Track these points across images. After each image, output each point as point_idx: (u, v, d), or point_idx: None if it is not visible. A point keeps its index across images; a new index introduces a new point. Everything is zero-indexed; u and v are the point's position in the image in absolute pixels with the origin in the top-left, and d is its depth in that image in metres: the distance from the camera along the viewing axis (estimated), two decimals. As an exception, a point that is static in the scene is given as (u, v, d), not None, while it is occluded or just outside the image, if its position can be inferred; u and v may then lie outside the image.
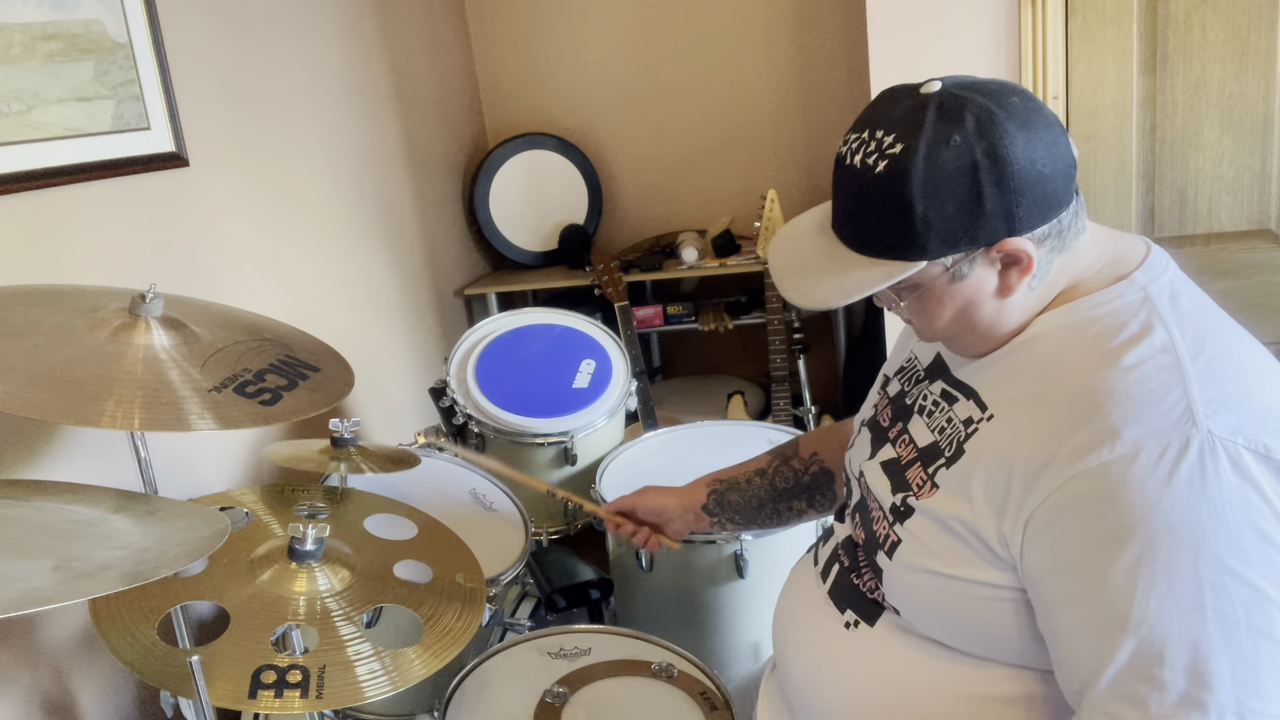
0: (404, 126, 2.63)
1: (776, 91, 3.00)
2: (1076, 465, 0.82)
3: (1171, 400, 0.82)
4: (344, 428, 1.49)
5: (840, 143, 0.94)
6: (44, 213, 1.52)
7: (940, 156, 0.85)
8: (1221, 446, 0.80)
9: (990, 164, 0.85)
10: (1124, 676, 0.81)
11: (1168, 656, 0.79)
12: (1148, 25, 1.95)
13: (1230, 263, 2.02)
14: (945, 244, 0.88)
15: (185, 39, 1.81)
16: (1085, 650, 0.84)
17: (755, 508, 1.41)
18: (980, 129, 0.85)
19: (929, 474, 0.97)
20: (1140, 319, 0.88)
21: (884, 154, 0.87)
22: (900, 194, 0.86)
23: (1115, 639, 0.81)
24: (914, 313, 0.97)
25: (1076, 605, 0.84)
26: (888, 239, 0.90)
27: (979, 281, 0.91)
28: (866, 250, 0.92)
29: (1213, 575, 0.78)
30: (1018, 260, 0.89)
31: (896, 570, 0.99)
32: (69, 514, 1.01)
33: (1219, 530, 0.78)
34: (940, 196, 0.86)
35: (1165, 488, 0.79)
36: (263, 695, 1.06)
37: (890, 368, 1.19)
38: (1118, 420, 0.82)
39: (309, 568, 1.22)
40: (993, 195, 0.86)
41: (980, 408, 0.95)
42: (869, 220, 0.90)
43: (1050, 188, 0.87)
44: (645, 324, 2.90)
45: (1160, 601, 0.79)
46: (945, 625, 0.97)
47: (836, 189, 0.94)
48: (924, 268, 0.90)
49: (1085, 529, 0.82)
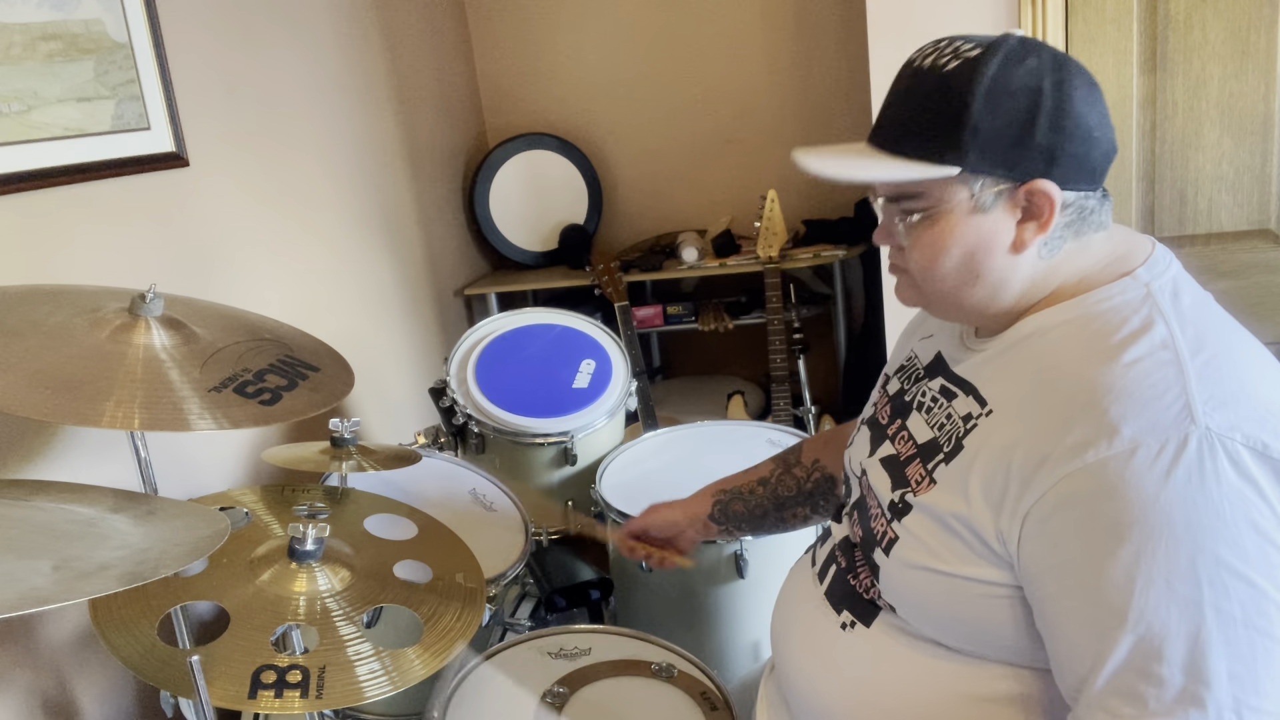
0: (404, 126, 2.63)
1: (776, 91, 3.00)
2: (1074, 461, 0.82)
3: (1170, 397, 0.82)
4: (344, 428, 1.49)
5: (912, 54, 0.95)
6: (44, 213, 1.52)
7: (1013, 71, 0.88)
8: (1220, 443, 0.80)
9: (1054, 97, 0.88)
10: (1122, 673, 0.81)
11: (1166, 653, 0.79)
12: (1148, 25, 1.95)
13: (1230, 263, 2.02)
14: (984, 159, 0.88)
15: (185, 39, 1.81)
16: (1083, 647, 0.84)
17: (759, 516, 1.41)
18: (1056, 65, 0.89)
19: (928, 470, 0.97)
20: (1141, 315, 0.88)
21: (959, 56, 0.90)
22: (962, 91, 0.88)
23: (1113, 635, 0.81)
24: (919, 247, 0.95)
25: (1074, 601, 0.84)
26: (930, 137, 0.90)
27: (996, 223, 0.91)
28: (903, 151, 0.92)
29: (1211, 572, 0.78)
30: (1039, 212, 0.90)
31: (893, 567, 0.99)
32: (69, 514, 1.01)
33: (1217, 527, 0.78)
34: (998, 106, 0.87)
35: (1163, 484, 0.79)
36: (263, 695, 1.06)
37: (890, 367, 1.19)
38: (1116, 416, 0.82)
39: (309, 568, 1.22)
40: (1044, 128, 0.88)
41: (979, 403, 0.95)
42: (918, 116, 0.91)
43: (1093, 153, 0.90)
44: (645, 324, 2.90)
45: (1159, 597, 0.79)
46: (941, 623, 0.97)
47: (890, 94, 0.95)
48: (952, 181, 0.90)
49: (1083, 525, 0.82)
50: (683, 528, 1.46)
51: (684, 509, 1.46)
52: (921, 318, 1.20)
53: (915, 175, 0.91)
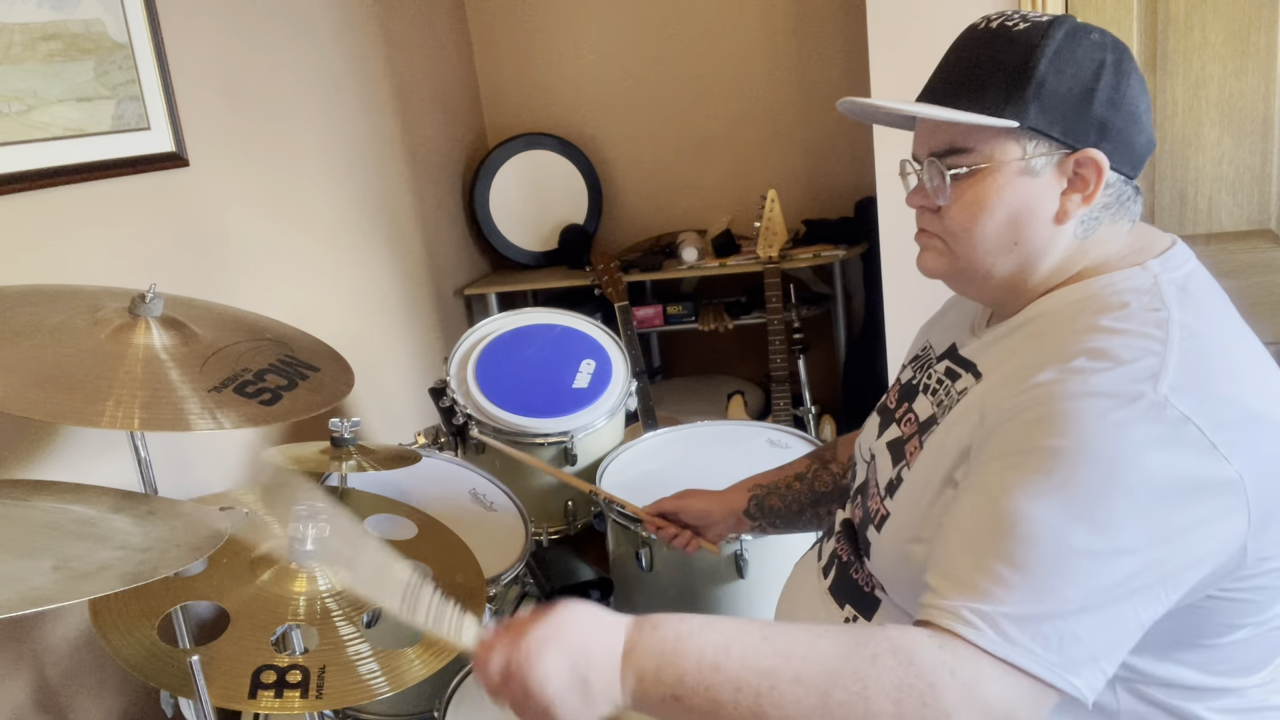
0: (404, 126, 2.63)
1: (776, 91, 3.00)
2: (1030, 381, 0.84)
3: (1142, 364, 0.82)
4: (344, 428, 1.49)
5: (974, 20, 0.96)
6: (44, 213, 1.52)
7: (1080, 41, 0.90)
8: (1170, 415, 0.79)
9: (1115, 73, 0.90)
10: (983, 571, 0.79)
11: (1015, 554, 0.78)
12: (1148, 25, 1.95)
13: (1230, 263, 2.02)
14: (1043, 117, 0.90)
15: (185, 39, 1.81)
16: (957, 537, 0.83)
17: (796, 512, 1.40)
18: (1117, 47, 0.92)
19: (921, 441, 0.99)
20: (1143, 301, 0.89)
21: (1029, 19, 0.92)
22: (1032, 49, 0.90)
23: (986, 526, 0.81)
24: (962, 206, 0.94)
25: (973, 497, 0.84)
26: (996, 85, 0.90)
27: (1043, 189, 0.92)
28: (961, 105, 0.91)
29: (1102, 514, 0.78)
30: (1085, 184, 0.91)
31: (884, 544, 1.00)
32: (69, 514, 1.01)
33: (1128, 472, 0.78)
34: (1064, 68, 0.89)
35: (1100, 420, 0.79)
36: (263, 695, 1.06)
37: (907, 357, 1.20)
38: (1081, 356, 0.83)
39: (309, 568, 1.22)
40: (1103, 100, 0.90)
41: (976, 377, 0.96)
42: (982, 69, 0.92)
43: (1139, 139, 0.92)
44: (645, 324, 2.90)
45: (1051, 515, 0.78)
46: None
47: (950, 54, 0.96)
48: (1007, 137, 0.90)
49: (1013, 439, 0.83)
50: (715, 519, 1.45)
51: (720, 501, 1.45)
52: (938, 314, 1.21)
53: (973, 120, 0.90)
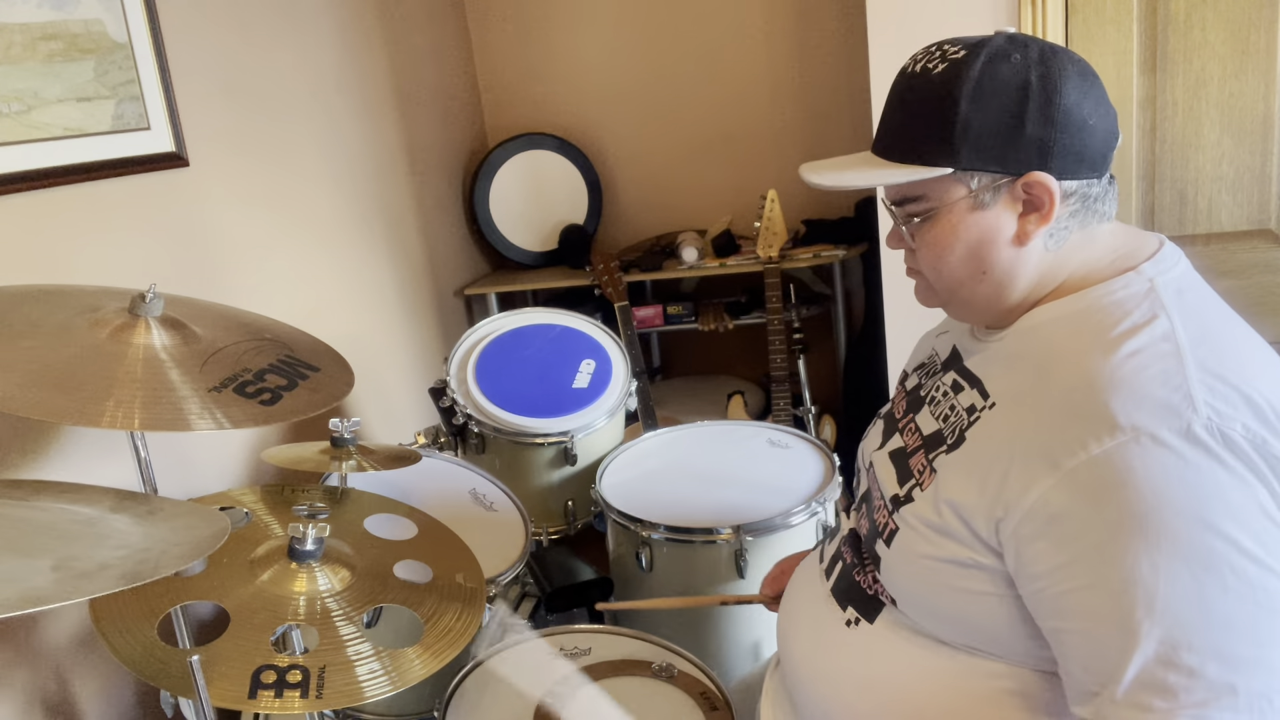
0: (404, 126, 2.63)
1: (776, 91, 3.00)
2: (1078, 454, 0.82)
3: (1170, 386, 0.82)
4: (344, 428, 1.49)
5: (906, 61, 0.97)
6: (44, 213, 1.52)
7: (998, 67, 0.89)
8: (1221, 432, 0.80)
9: (1041, 90, 0.88)
10: (1151, 666, 0.80)
11: (1195, 642, 0.78)
12: (1148, 25, 1.95)
13: (1230, 263, 2.02)
14: (977, 155, 0.90)
15: (185, 39, 1.81)
16: (1103, 644, 0.82)
17: None
18: (1042, 57, 0.90)
19: (929, 460, 0.98)
20: (1143, 309, 0.88)
21: (946, 59, 0.92)
22: (950, 94, 0.89)
23: (1138, 629, 0.79)
24: (926, 246, 0.97)
25: (1089, 598, 0.82)
26: (924, 140, 0.91)
27: (998, 218, 0.92)
28: (900, 156, 0.93)
29: (1233, 559, 0.78)
30: (1039, 204, 0.91)
31: (894, 559, 0.99)
32: (69, 514, 1.01)
33: (1230, 513, 0.78)
34: (986, 102, 0.89)
35: (1171, 474, 0.79)
36: (263, 695, 1.06)
37: (911, 364, 1.20)
38: (1116, 408, 0.82)
39: (309, 568, 1.22)
40: (1035, 120, 0.88)
41: (983, 396, 0.95)
42: (911, 120, 0.93)
43: (1089, 141, 0.90)
44: (645, 324, 2.90)
45: (1184, 587, 0.78)
46: (938, 616, 0.97)
47: (888, 100, 0.97)
48: (949, 181, 0.91)
49: (1091, 520, 0.81)
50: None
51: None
52: (945, 322, 1.21)
53: (908, 178, 0.92)
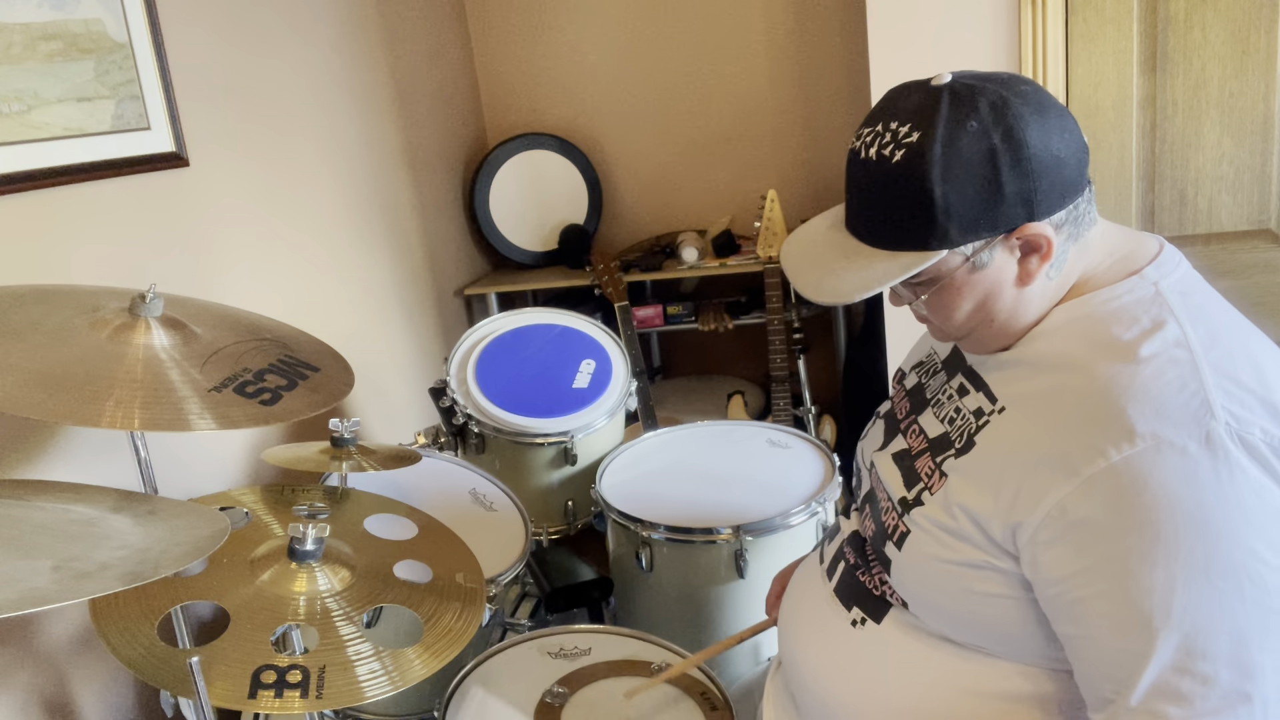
0: (404, 126, 2.63)
1: (776, 91, 3.00)
2: (1097, 462, 0.82)
3: (1188, 393, 0.82)
4: (344, 428, 1.49)
5: (853, 139, 0.94)
6: (44, 212, 1.52)
7: (958, 142, 0.86)
8: (1240, 438, 0.80)
9: (1008, 148, 0.85)
10: (1167, 673, 0.80)
11: (1211, 649, 0.78)
12: (1148, 25, 1.95)
13: (1230, 263, 2.02)
14: (966, 231, 0.88)
15: (185, 39, 1.81)
16: (1120, 650, 0.82)
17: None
18: (996, 114, 0.86)
19: (937, 463, 0.97)
20: (1152, 314, 0.88)
21: (900, 144, 0.88)
22: (920, 181, 0.86)
23: (1155, 635, 0.80)
24: (932, 308, 0.96)
25: (1107, 604, 0.82)
26: (907, 229, 0.89)
27: (999, 270, 0.91)
28: (884, 244, 0.91)
29: (1251, 566, 0.78)
30: (1037, 247, 0.89)
31: (905, 561, 0.99)
32: (69, 514, 1.01)
33: (1248, 520, 0.79)
34: (960, 182, 0.86)
35: (1191, 481, 0.79)
36: (263, 695, 1.06)
37: (908, 363, 1.19)
38: (1135, 415, 0.82)
39: (309, 568, 1.22)
40: (1011, 180, 0.86)
41: (990, 400, 0.95)
42: (887, 212, 0.90)
43: (1067, 172, 0.88)
44: (645, 324, 2.90)
45: (1200, 593, 0.78)
46: (952, 618, 0.97)
47: (850, 185, 0.94)
48: (944, 258, 0.89)
49: (1112, 527, 0.81)
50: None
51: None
52: None
53: (906, 272, 0.89)
